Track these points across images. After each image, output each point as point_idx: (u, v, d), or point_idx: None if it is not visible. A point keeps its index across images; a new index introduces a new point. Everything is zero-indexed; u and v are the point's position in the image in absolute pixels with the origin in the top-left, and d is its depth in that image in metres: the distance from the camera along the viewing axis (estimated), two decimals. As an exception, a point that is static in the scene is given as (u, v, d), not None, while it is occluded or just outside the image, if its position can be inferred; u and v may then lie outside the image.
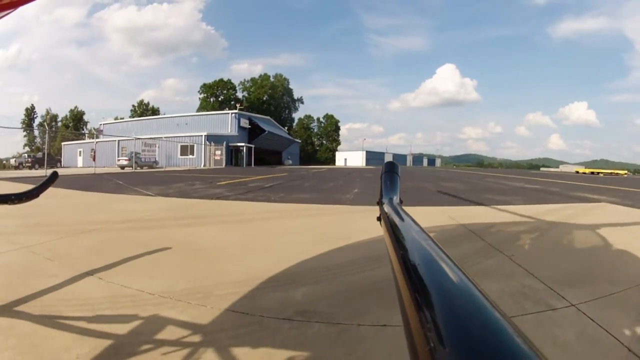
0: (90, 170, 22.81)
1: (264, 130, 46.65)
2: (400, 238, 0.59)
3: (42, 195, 1.67)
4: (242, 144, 41.08)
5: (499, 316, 0.29)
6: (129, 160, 28.86)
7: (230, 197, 7.61)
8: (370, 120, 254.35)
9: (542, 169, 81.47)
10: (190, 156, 37.23)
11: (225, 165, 37.51)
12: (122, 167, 28.43)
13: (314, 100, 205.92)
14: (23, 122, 68.95)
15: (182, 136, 38.31)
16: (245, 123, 45.83)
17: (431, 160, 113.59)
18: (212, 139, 37.67)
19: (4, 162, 38.69)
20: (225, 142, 37.77)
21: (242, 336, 1.71)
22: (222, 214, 5.61)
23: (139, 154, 29.02)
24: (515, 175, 22.69)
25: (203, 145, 36.81)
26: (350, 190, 9.29)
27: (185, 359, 1.50)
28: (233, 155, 41.25)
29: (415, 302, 0.35)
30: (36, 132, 67.12)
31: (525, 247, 3.59)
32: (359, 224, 4.54)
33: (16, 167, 34.43)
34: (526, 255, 3.10)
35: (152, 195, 7.94)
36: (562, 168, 62.30)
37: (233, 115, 45.00)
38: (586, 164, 76.87)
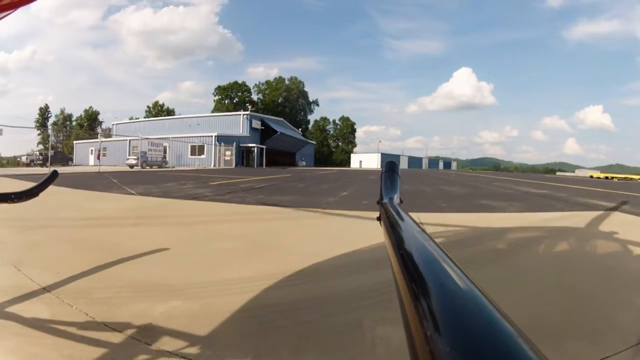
0: (97, 169, 23.00)
1: (276, 132, 46.63)
2: (400, 238, 0.58)
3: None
4: (253, 145, 41.07)
5: (500, 316, 0.29)
6: (138, 159, 29.20)
7: (206, 198, 7.30)
8: (387, 123, 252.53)
9: (558, 173, 79.51)
10: (201, 156, 37.42)
11: (236, 165, 37.55)
12: (131, 166, 28.77)
13: (331, 103, 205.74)
14: (37, 122, 70.88)
15: (192, 136, 38.57)
16: (257, 124, 45.93)
17: (447, 164, 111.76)
18: (223, 139, 37.75)
19: (18, 159, 39.68)
20: (235, 143, 37.81)
21: None
22: (177, 215, 5.35)
23: (146, 153, 29.22)
24: (526, 179, 21.68)
25: (213, 146, 36.91)
26: (338, 193, 8.84)
27: None
28: (244, 156, 41.34)
29: (415, 302, 0.34)
30: (50, 131, 69.04)
31: (486, 269, 2.82)
32: (311, 231, 4.11)
33: (27, 165, 35.34)
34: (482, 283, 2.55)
35: (132, 194, 7.74)
36: (578, 172, 60.62)
37: (245, 116, 45.12)
38: (602, 169, 74.57)
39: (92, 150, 44.87)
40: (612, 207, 7.18)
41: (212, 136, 37.42)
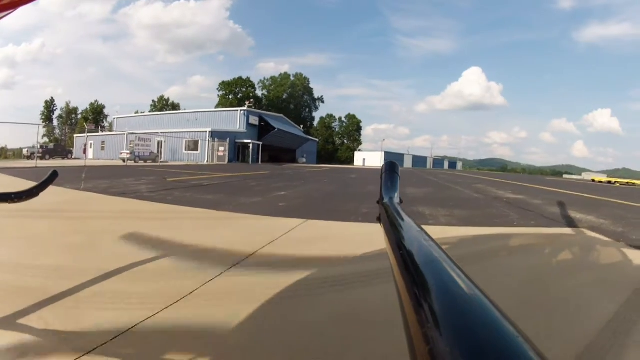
0: (89, 162, 23.11)
1: (274, 128, 46.32)
2: (400, 238, 0.57)
3: None
4: (249, 141, 40.78)
5: (500, 316, 0.29)
6: (130, 154, 29.23)
7: (133, 194, 7.05)
8: (396, 122, 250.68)
9: (564, 176, 78.28)
10: (195, 152, 37.24)
11: (230, 161, 37.25)
12: (124, 161, 28.67)
13: (340, 100, 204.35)
14: (42, 114, 71.85)
15: (186, 132, 38.43)
16: (254, 120, 45.56)
17: (452, 164, 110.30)
18: (217, 135, 37.43)
19: (23, 151, 39.96)
20: (229, 139, 37.48)
21: None
22: (77, 210, 5.19)
23: (135, 148, 29.24)
24: (518, 182, 20.71)
25: (207, 142, 36.69)
26: (275, 193, 8.33)
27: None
28: (240, 152, 41.09)
29: (415, 302, 0.34)
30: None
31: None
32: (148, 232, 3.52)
33: (28, 157, 35.44)
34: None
35: (77, 190, 7.43)
36: (585, 176, 59.71)
37: (242, 112, 44.81)
38: (609, 173, 73.07)
39: (91, 143, 45.18)
40: (585, 221, 6.06)
41: (206, 132, 37.17)
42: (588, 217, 6.53)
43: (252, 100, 63.72)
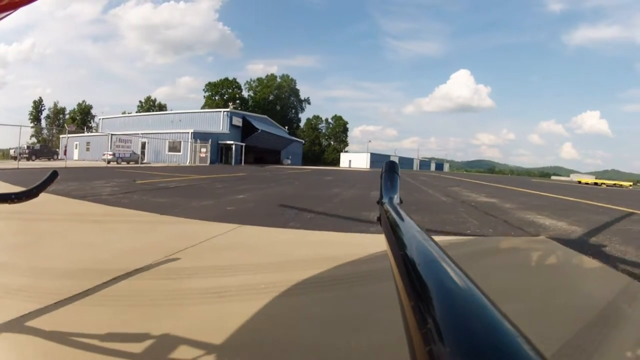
0: (73, 164, 23.41)
1: (258, 129, 46.71)
2: (400, 238, 0.58)
3: None
4: (232, 142, 41.11)
5: (500, 316, 0.29)
6: (113, 155, 29.54)
7: (90, 198, 7.22)
8: (384, 123, 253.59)
9: (553, 177, 79.46)
10: (177, 153, 37.51)
11: (212, 163, 37.56)
12: (108, 162, 28.95)
13: (328, 101, 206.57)
14: (31, 114, 71.28)
15: (168, 133, 38.67)
16: (238, 121, 45.91)
17: (439, 165, 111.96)
18: (200, 136, 37.75)
19: (10, 151, 39.76)
20: (210, 140, 37.81)
21: None
22: (22, 212, 5.12)
23: (115, 149, 29.50)
24: (501, 184, 20.76)
25: (189, 143, 36.98)
26: (257, 199, 8.70)
27: None
28: (223, 153, 41.41)
29: (415, 303, 0.34)
30: (43, 124, 69.20)
31: None
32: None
33: (15, 158, 35.44)
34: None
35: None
36: (573, 177, 60.76)
37: (225, 113, 45.18)
38: (597, 174, 74.29)
39: (76, 144, 45.13)
40: (552, 228, 5.75)
41: (188, 133, 37.46)
42: (558, 224, 6.17)
43: (237, 101, 63.86)
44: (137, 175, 15.35)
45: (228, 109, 46.56)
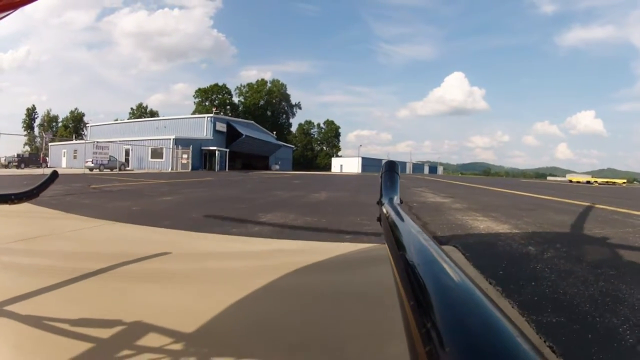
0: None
1: (242, 135, 47.24)
2: (400, 238, 0.58)
3: None
4: (215, 148, 41.58)
5: (500, 316, 0.29)
6: (94, 162, 30.19)
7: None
8: (379, 128, 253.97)
9: (549, 178, 79.65)
10: (160, 159, 38.05)
11: (195, 169, 38.05)
12: (91, 169, 29.54)
13: (322, 106, 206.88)
14: (24, 122, 71.96)
15: (150, 139, 39.24)
16: (222, 127, 46.37)
17: (433, 168, 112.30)
18: (182, 142, 38.23)
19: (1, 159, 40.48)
20: (192, 146, 38.28)
21: None
22: None
23: (93, 156, 30.08)
24: (481, 185, 20.75)
25: (171, 149, 37.55)
26: (179, 201, 9.01)
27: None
28: (206, 159, 41.84)
29: (415, 303, 0.35)
30: (36, 132, 69.77)
31: None
32: None
33: (5, 166, 36.27)
34: None
35: None
36: (568, 177, 61.02)
37: (209, 118, 45.71)
38: (593, 173, 74.40)
39: (64, 152, 45.80)
40: (486, 231, 5.08)
41: (169, 139, 38.00)
42: (497, 227, 5.34)
43: (227, 107, 64.46)
44: (103, 180, 15.73)
45: (211, 115, 47.16)
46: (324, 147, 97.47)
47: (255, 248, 3.84)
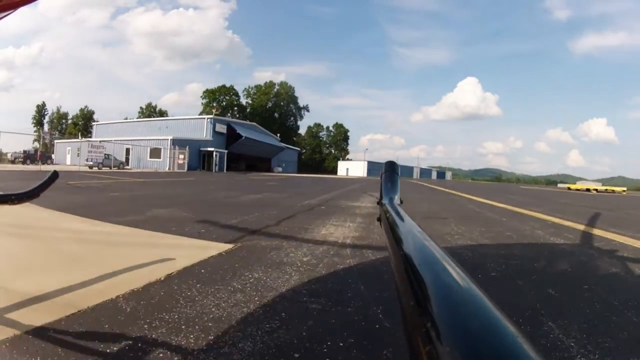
0: (58, 169, 24.41)
1: (242, 136, 47.43)
2: (401, 238, 0.58)
3: None
4: (213, 149, 41.78)
5: (500, 317, 0.29)
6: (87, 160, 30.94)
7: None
8: (391, 132, 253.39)
9: (559, 185, 78.86)
10: (158, 159, 38.47)
11: (193, 169, 38.24)
12: (90, 167, 30.19)
13: (336, 109, 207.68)
14: (34, 119, 73.63)
15: (148, 139, 39.70)
16: (221, 128, 46.58)
17: (441, 174, 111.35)
18: (179, 143, 38.56)
19: (7, 155, 41.70)
20: (188, 147, 38.51)
21: None
22: None
23: (88, 155, 30.64)
24: (465, 192, 20.13)
25: (168, 149, 37.91)
26: (132, 197, 9.15)
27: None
28: (205, 160, 42.06)
29: (415, 303, 0.35)
30: (46, 128, 71.38)
31: None
32: None
33: (12, 162, 37.35)
34: None
35: None
36: (579, 184, 60.19)
37: (208, 120, 46.00)
38: (604, 181, 73.32)
39: (68, 149, 46.64)
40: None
41: (167, 140, 38.37)
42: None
43: (226, 108, 64.85)
44: (91, 177, 16.20)
45: (211, 116, 47.47)
46: (332, 150, 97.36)
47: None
